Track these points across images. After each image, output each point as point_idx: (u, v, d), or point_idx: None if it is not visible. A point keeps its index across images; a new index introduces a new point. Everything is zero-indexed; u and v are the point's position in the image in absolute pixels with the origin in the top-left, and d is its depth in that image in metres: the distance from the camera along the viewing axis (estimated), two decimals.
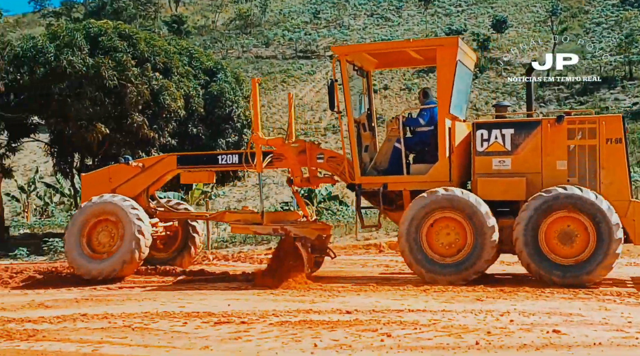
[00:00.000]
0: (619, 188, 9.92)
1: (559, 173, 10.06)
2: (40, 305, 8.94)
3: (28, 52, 23.02)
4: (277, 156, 11.39)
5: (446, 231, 10.12)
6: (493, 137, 10.32)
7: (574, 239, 9.68)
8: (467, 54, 11.23)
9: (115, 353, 6.22)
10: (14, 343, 6.72)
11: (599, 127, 9.95)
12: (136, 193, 11.79)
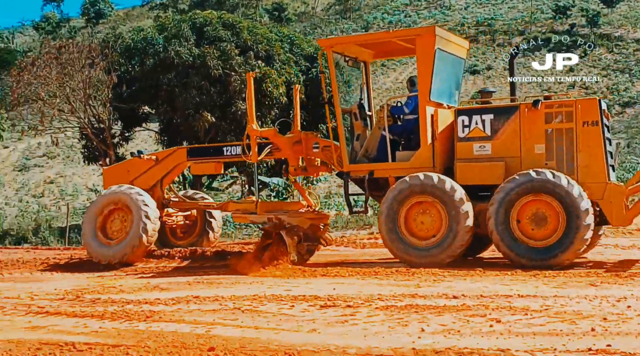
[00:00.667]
0: (596, 170, 9.95)
1: (537, 157, 10.15)
2: (155, 287, 9.32)
3: (138, 44, 23.92)
4: (276, 147, 11.78)
5: (423, 215, 10.38)
6: (474, 123, 10.49)
7: (545, 222, 9.80)
8: (450, 41, 11.39)
9: (227, 334, 6.39)
10: (133, 323, 7.04)
11: (575, 111, 10.01)
12: (151, 184, 12.38)
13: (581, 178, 9.95)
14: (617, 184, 10.10)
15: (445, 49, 11.13)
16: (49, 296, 8.91)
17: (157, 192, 12.38)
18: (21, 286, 9.91)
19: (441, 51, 10.91)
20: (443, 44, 11.03)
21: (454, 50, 11.51)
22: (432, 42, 10.70)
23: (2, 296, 8.95)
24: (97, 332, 6.71)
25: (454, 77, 11.82)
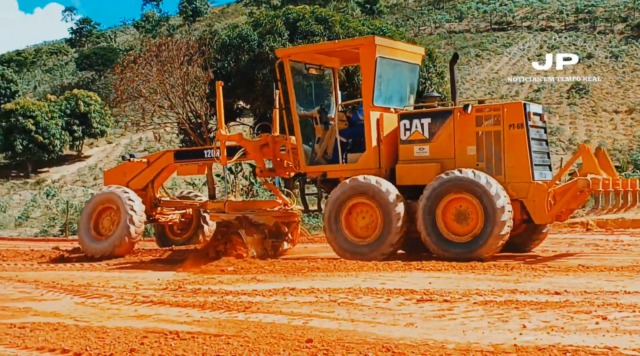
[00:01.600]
0: (521, 170, 10.43)
1: (469, 158, 10.69)
2: (253, 279, 9.51)
3: (233, 41, 24.37)
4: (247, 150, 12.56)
5: (362, 215, 11.03)
6: (414, 127, 11.07)
7: (467, 218, 10.40)
8: (396, 49, 11.99)
9: (324, 326, 6.43)
10: (232, 313, 7.20)
11: (502, 114, 10.55)
12: (144, 185, 13.42)
13: (508, 177, 10.50)
14: (539, 183, 10.43)
15: (390, 56, 11.67)
16: (153, 286, 9.24)
17: (149, 192, 13.43)
18: (127, 275, 10.31)
19: (384, 59, 11.46)
20: (386, 52, 11.56)
21: (403, 57, 12.02)
22: (372, 51, 11.27)
23: (109, 286, 9.34)
24: (199, 322, 6.90)
25: (405, 82, 12.29)
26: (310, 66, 12.35)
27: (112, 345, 5.92)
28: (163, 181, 14.03)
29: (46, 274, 10.81)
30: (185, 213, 13.74)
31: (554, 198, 10.46)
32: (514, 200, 10.48)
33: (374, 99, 11.34)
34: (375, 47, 11.26)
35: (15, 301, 8.44)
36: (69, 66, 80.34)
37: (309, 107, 12.41)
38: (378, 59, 11.28)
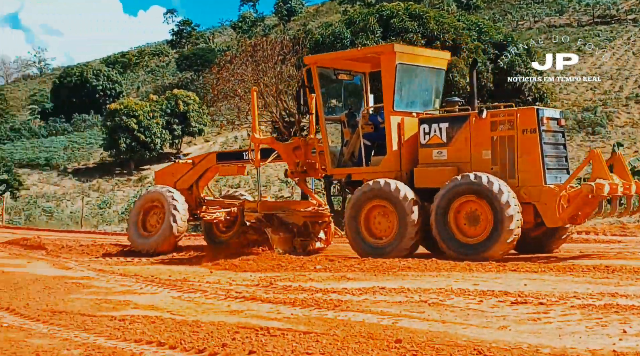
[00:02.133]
0: (534, 174, 10.58)
1: (484, 162, 10.89)
2: (343, 277, 9.52)
3: (326, 39, 24.51)
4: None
5: (380, 217, 11.33)
6: (433, 131, 11.31)
7: (477, 221, 10.60)
8: (417, 55, 12.35)
9: (414, 327, 6.37)
10: (322, 311, 7.24)
11: (516, 119, 10.69)
12: (189, 185, 14.01)
13: (520, 181, 10.68)
14: (550, 187, 10.53)
15: (411, 62, 11.97)
16: (245, 282, 9.40)
17: (194, 191, 14.04)
18: (221, 272, 10.53)
19: (404, 65, 11.77)
20: (406, 58, 11.86)
21: (425, 63, 12.32)
22: (392, 59, 11.59)
23: (204, 281, 9.58)
24: (289, 318, 6.98)
25: (429, 86, 12.56)
26: (339, 71, 12.73)
27: (205, 340, 6.07)
28: (208, 181, 14.60)
29: (146, 268, 11.20)
30: (230, 211, 14.07)
31: (567, 202, 10.50)
32: (526, 203, 10.64)
33: (395, 104, 11.65)
34: (395, 54, 11.60)
35: (117, 294, 8.79)
36: (169, 66, 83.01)
37: (340, 111, 12.92)
38: (398, 65, 11.61)
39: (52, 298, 8.52)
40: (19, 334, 6.54)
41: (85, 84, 62.24)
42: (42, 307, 7.89)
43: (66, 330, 6.69)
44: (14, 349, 5.83)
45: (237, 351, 5.59)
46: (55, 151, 52.20)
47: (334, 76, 12.70)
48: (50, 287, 9.33)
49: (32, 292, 8.97)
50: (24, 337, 6.38)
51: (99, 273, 10.59)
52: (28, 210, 36.56)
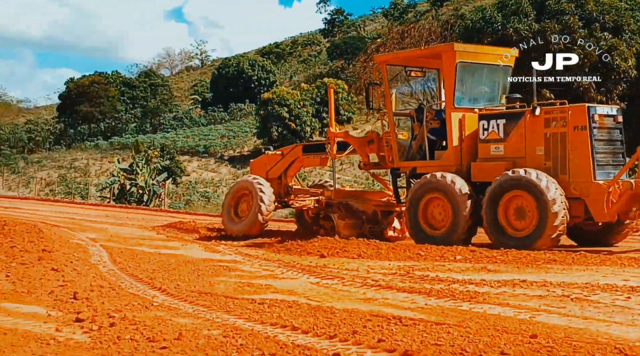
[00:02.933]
0: (583, 170, 10.88)
1: (538, 158, 11.27)
2: (483, 269, 9.32)
3: (477, 24, 23.93)
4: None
5: (436, 208, 11.88)
6: (491, 127, 11.76)
7: (525, 215, 10.96)
8: (478, 53, 12.90)
9: (552, 322, 6.14)
10: (457, 303, 7.14)
11: (567, 116, 11.03)
12: (279, 174, 14.89)
13: (572, 177, 11.01)
14: (599, 183, 10.77)
15: (472, 60, 12.45)
16: (383, 270, 9.45)
17: (283, 180, 14.92)
18: (362, 260, 10.64)
19: (465, 63, 12.22)
20: (466, 56, 12.33)
21: (488, 60, 12.72)
22: (452, 57, 12.07)
23: (343, 268, 9.73)
24: (423, 308, 6.94)
25: (493, 83, 12.98)
26: (410, 69, 13.28)
27: (337, 326, 6.18)
28: (296, 170, 15.42)
29: (286, 255, 11.52)
30: (318, 199, 14.59)
31: (616, 197, 10.69)
32: (576, 198, 10.96)
33: (455, 101, 12.14)
34: (455, 53, 12.10)
35: (259, 279, 9.13)
36: (321, 55, 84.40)
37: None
38: (458, 64, 12.07)
39: (200, 280, 8.99)
40: (167, 313, 6.97)
41: (242, 74, 64.66)
42: (190, 288, 8.36)
43: (209, 310, 7.05)
44: (160, 327, 6.23)
45: (367, 339, 5.65)
46: (213, 139, 54.78)
47: (406, 74, 13.45)
48: (199, 269, 9.85)
49: (182, 273, 9.51)
50: (171, 316, 6.79)
51: (245, 257, 11.04)
52: (187, 195, 38.68)
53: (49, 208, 26.86)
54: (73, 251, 11.43)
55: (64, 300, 7.54)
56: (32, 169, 51.19)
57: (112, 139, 58.76)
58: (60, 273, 9.17)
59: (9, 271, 9.40)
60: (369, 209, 13.43)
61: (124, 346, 5.59)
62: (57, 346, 5.61)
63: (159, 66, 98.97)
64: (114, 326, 6.22)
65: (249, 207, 14.40)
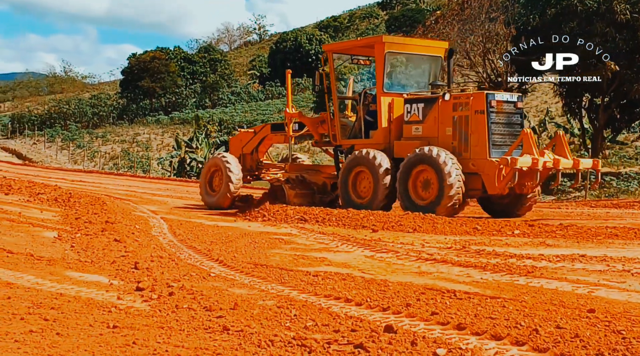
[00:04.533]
0: (480, 149, 12.31)
1: (447, 138, 12.74)
2: (542, 243, 9.18)
3: None
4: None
5: (363, 180, 13.53)
6: (413, 110, 13.25)
7: (429, 187, 12.52)
8: (407, 44, 14.61)
9: (611, 297, 6.02)
10: (513, 277, 7.06)
11: (470, 102, 12.47)
12: (251, 150, 16.47)
13: (472, 155, 12.47)
14: (491, 160, 12.18)
15: (401, 51, 14.13)
16: (439, 244, 9.40)
17: (255, 156, 16.52)
18: (417, 234, 10.61)
19: (393, 53, 13.88)
20: (395, 47, 13.94)
21: (417, 51, 14.37)
22: (382, 47, 13.53)
23: (398, 242, 9.72)
24: (478, 282, 6.89)
25: (422, 71, 14.59)
26: (356, 57, 15.03)
27: (391, 299, 6.19)
28: (267, 147, 16.98)
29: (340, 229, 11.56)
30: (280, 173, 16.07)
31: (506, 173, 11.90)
32: (474, 174, 12.44)
33: (385, 86, 13.66)
34: (383, 44, 13.58)
35: (314, 251, 9.20)
36: (379, 28, 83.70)
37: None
38: (387, 54, 13.56)
39: (256, 252, 9.12)
40: (223, 283, 7.10)
41: (299, 48, 64.69)
42: (246, 260, 8.49)
43: (264, 282, 7.15)
44: (216, 297, 6.35)
45: (420, 312, 5.65)
46: (270, 114, 55.05)
47: (352, 61, 15.35)
48: (255, 242, 9.98)
49: (239, 245, 9.66)
50: (227, 286, 6.92)
51: (300, 230, 11.12)
52: None
53: (112, 181, 27.56)
54: (134, 223, 11.73)
55: (125, 269, 7.76)
56: (97, 144, 52.50)
57: (173, 114, 59.71)
58: (122, 244, 9.44)
59: (74, 241, 9.72)
60: (319, 181, 15.05)
61: (182, 315, 5.72)
62: (119, 313, 5.79)
63: (218, 41, 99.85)
64: (172, 295, 6.37)
65: (221, 182, 15.95)
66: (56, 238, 10.09)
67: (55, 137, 53.45)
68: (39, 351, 4.60)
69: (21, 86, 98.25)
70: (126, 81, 65.79)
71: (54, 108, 66.16)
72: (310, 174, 15.13)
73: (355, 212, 12.33)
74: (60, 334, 5.05)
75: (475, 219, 11.29)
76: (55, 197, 15.45)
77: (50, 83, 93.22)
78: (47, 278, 7.15)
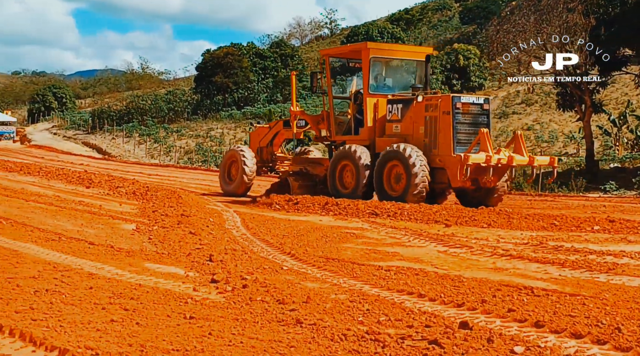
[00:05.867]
0: (446, 146, 13.43)
1: (420, 135, 13.90)
2: (623, 240, 8.88)
3: None
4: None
5: (348, 172, 14.80)
6: (394, 110, 14.48)
7: (400, 179, 13.67)
8: (391, 50, 16.39)
9: None
10: (593, 274, 6.86)
11: (438, 104, 13.61)
12: (266, 143, 17.85)
13: (440, 151, 13.60)
14: (454, 156, 13.21)
15: (385, 56, 15.46)
16: (514, 240, 9.20)
17: (269, 149, 17.90)
18: (491, 229, 10.42)
19: (377, 58, 15.11)
20: (379, 53, 15.28)
21: (401, 56, 15.86)
22: (367, 53, 14.84)
23: (472, 237, 9.56)
24: (556, 279, 6.72)
25: (406, 74, 16.00)
26: (350, 60, 16.13)
27: (465, 295, 6.10)
28: (281, 141, 18.06)
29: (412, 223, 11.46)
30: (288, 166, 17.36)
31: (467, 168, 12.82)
32: (441, 168, 13.57)
33: (370, 88, 14.92)
34: (369, 50, 14.88)
35: (386, 246, 9.15)
36: (452, 21, 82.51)
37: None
38: (372, 59, 14.83)
39: (328, 246, 9.13)
40: (295, 277, 7.14)
41: None
42: (317, 253, 8.52)
43: (336, 276, 7.16)
44: (289, 290, 6.39)
45: (496, 309, 5.54)
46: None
47: (348, 65, 16.36)
48: (327, 235, 10.00)
49: (311, 239, 9.70)
50: (300, 280, 6.96)
51: (372, 225, 11.07)
52: None
53: (187, 175, 28.13)
54: (209, 216, 11.93)
55: (200, 261, 7.91)
56: (172, 138, 53.64)
57: (245, 109, 60.45)
58: (197, 237, 9.61)
59: (151, 234, 9.97)
60: (320, 173, 15.97)
61: (255, 307, 5.79)
62: (195, 304, 5.90)
63: (289, 36, 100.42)
64: (246, 287, 6.45)
65: (237, 172, 17.47)
66: (134, 230, 10.37)
67: (133, 133, 54.88)
68: (120, 340, 4.73)
69: (101, 82, 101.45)
70: (200, 76, 66.90)
71: (131, 104, 67.93)
72: (312, 167, 16.23)
73: (427, 207, 12.23)
74: (139, 324, 5.18)
75: (553, 215, 11.00)
76: (133, 190, 15.90)
77: (128, 79, 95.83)
78: (126, 269, 7.35)
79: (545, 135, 34.09)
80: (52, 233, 9.59)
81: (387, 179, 13.94)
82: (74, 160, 34.71)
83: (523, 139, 13.82)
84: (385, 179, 13.95)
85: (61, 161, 32.22)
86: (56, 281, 6.55)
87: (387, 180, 13.94)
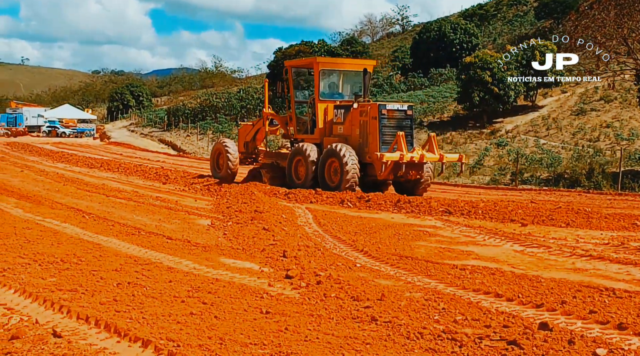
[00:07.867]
0: (374, 145, 15.92)
1: (357, 136, 16.43)
2: None
3: None
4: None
5: (301, 166, 16.97)
6: (339, 114, 17.03)
7: (337, 173, 16.02)
8: (337, 63, 19.35)
9: None
10: None
11: (368, 110, 16.19)
12: (250, 138, 19.71)
13: (370, 150, 15.85)
14: (379, 154, 15.28)
15: (332, 68, 18.01)
16: (594, 240, 8.95)
17: (252, 144, 19.78)
18: (570, 229, 10.16)
19: (325, 70, 17.52)
20: (327, 66, 17.80)
21: (346, 68, 18.29)
22: (317, 66, 17.28)
23: (549, 236, 9.35)
24: (639, 281, 6.50)
25: (352, 83, 17.99)
26: (310, 71, 17.81)
27: (544, 295, 5.98)
28: (262, 137, 19.79)
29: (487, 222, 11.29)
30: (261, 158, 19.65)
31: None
32: (370, 164, 15.80)
33: (320, 95, 17.18)
34: (318, 64, 17.33)
35: (460, 245, 9.04)
36: (528, 16, 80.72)
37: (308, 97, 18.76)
38: (320, 71, 17.17)
39: (401, 244, 9.09)
40: (369, 274, 7.14)
41: (443, 38, 63.53)
42: (390, 251, 8.48)
43: (410, 274, 7.12)
44: (363, 287, 6.40)
45: (577, 310, 5.42)
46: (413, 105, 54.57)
47: (309, 74, 18.09)
48: (399, 233, 9.95)
49: (383, 237, 9.67)
50: (373, 277, 6.95)
51: (445, 223, 10.95)
52: None
53: None
54: (281, 213, 12.04)
55: (274, 257, 8.00)
56: None
57: None
58: (271, 233, 9.72)
59: (226, 229, 10.14)
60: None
61: (330, 304, 5.82)
62: (270, 299, 5.97)
63: (360, 33, 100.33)
64: (320, 284, 6.48)
65: (223, 162, 19.40)
66: (210, 225, 10.57)
67: (206, 130, 55.91)
68: (199, 333, 4.84)
69: (176, 80, 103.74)
70: (272, 74, 67.60)
71: (205, 102, 69.17)
72: (282, 161, 18.05)
73: (502, 205, 12.00)
74: (217, 317, 5.28)
75: (634, 215, 10.64)
76: (208, 186, 16.22)
77: (202, 78, 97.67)
78: (203, 263, 7.51)
79: (625, 133, 32.95)
80: (132, 228, 9.89)
81: (327, 173, 16.24)
82: (151, 157, 35.59)
83: (436, 141, 16.33)
84: (327, 172, 16.24)
85: (138, 158, 33.10)
86: (137, 274, 6.75)
87: (328, 173, 16.23)
